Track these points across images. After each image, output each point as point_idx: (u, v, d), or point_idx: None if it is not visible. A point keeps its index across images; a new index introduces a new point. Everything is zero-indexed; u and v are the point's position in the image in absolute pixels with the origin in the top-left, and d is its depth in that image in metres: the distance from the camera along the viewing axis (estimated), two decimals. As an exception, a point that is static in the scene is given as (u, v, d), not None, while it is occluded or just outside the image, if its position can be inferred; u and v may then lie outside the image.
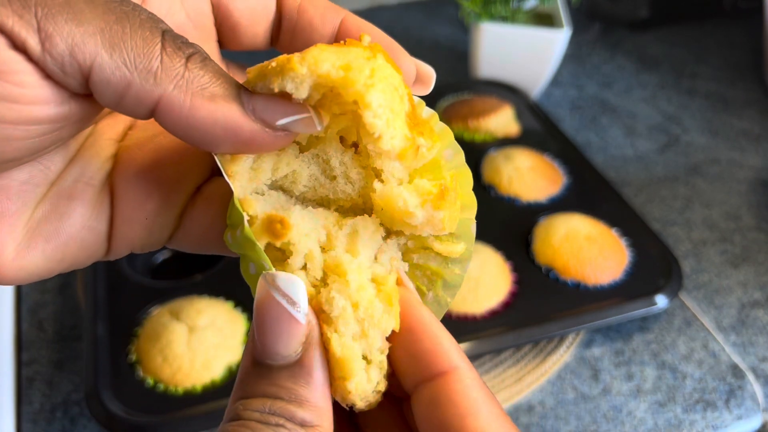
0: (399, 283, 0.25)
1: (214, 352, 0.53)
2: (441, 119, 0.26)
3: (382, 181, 0.24)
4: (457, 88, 0.87)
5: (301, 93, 0.22)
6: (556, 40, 0.84)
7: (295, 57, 0.22)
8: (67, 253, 0.24)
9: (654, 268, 0.63)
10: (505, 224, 0.67)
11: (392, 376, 0.25)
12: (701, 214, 0.75)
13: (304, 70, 0.21)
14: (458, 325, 0.57)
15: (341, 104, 0.23)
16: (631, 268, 0.63)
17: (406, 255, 0.26)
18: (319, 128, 0.23)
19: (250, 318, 0.57)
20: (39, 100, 0.20)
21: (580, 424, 0.54)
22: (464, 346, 0.55)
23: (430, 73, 0.27)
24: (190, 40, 0.22)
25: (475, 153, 0.77)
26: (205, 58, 0.22)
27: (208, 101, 0.21)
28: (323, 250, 0.25)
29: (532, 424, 0.54)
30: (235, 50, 0.28)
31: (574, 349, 0.60)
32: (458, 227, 0.26)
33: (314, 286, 0.24)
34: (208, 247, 0.27)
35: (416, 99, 0.25)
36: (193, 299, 0.57)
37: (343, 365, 0.23)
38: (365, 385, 0.23)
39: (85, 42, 0.19)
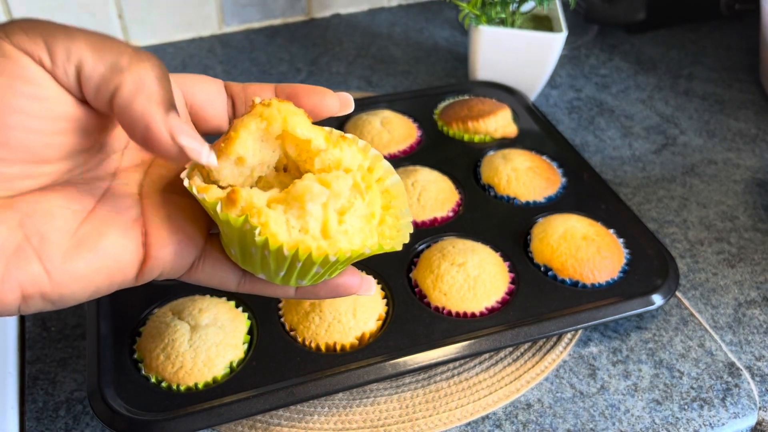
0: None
1: (216, 350, 0.54)
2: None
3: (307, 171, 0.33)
4: (456, 89, 0.88)
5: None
6: (554, 43, 0.85)
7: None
8: (104, 266, 0.30)
9: (651, 267, 0.63)
10: (504, 224, 0.68)
11: None
12: (698, 214, 0.76)
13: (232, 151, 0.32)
14: (457, 324, 0.58)
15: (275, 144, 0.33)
16: (628, 268, 0.64)
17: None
18: (204, 161, 0.29)
19: (250, 317, 0.58)
20: (56, 98, 0.28)
21: (578, 421, 0.55)
22: (463, 344, 0.56)
23: (347, 99, 0.36)
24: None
25: (474, 154, 0.77)
26: (162, 75, 0.29)
27: (145, 99, 0.28)
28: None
29: (530, 421, 0.55)
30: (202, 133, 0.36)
31: (572, 348, 0.61)
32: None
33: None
34: (217, 281, 0.36)
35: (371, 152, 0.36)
36: (196, 298, 0.58)
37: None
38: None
39: (76, 48, 0.28)
